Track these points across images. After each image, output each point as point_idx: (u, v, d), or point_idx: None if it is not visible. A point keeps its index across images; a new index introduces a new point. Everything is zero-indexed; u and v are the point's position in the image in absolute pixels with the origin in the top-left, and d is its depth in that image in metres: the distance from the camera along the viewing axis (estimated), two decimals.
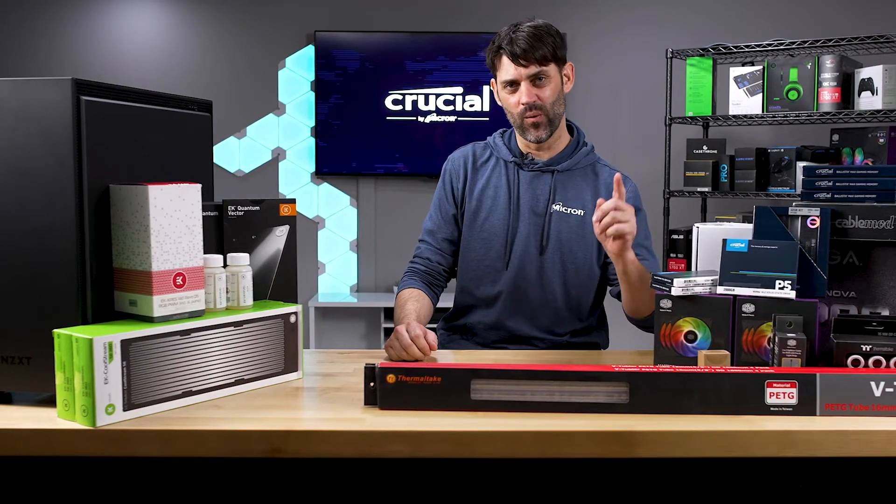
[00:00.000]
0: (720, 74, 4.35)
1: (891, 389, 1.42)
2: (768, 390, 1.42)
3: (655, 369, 1.45)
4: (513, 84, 2.14)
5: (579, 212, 2.18)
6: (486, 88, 4.91)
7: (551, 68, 2.12)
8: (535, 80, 2.12)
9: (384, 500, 1.47)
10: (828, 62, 3.95)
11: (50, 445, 1.37)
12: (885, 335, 1.56)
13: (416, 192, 5.04)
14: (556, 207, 2.18)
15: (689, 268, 3.45)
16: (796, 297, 1.60)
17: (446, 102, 4.94)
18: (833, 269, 1.70)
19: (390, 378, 1.46)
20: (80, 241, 1.43)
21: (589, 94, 4.95)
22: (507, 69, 2.13)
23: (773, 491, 1.46)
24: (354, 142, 4.97)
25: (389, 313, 4.62)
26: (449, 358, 1.99)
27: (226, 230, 1.70)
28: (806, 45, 4.07)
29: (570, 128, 2.28)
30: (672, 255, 4.19)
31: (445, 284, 2.30)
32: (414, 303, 2.12)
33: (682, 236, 4.17)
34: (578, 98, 4.94)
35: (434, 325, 2.24)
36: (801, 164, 4.04)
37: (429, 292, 2.21)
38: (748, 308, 1.63)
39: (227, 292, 1.62)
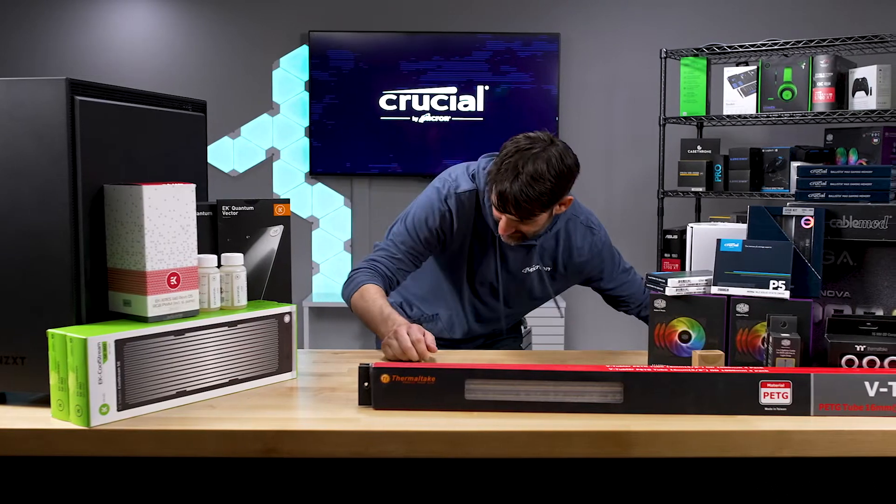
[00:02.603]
0: (714, 74, 4.35)
1: (885, 389, 1.42)
2: (762, 390, 1.43)
3: (650, 369, 1.45)
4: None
5: (547, 268, 2.20)
6: (480, 88, 4.91)
7: (539, 216, 1.98)
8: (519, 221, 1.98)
9: (379, 500, 1.47)
10: (822, 62, 3.96)
11: (44, 445, 1.36)
12: (879, 335, 1.57)
13: (411, 191, 5.02)
14: (529, 270, 2.19)
15: (683, 268, 3.45)
16: (790, 297, 1.60)
17: (440, 102, 4.94)
18: (827, 269, 1.70)
19: (384, 378, 1.46)
20: (74, 241, 1.43)
21: (583, 95, 4.95)
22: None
23: (768, 491, 1.46)
24: (348, 142, 4.96)
25: None
26: (443, 358, 1.98)
27: (220, 230, 1.70)
28: (800, 45, 4.07)
29: None
30: (666, 255, 4.19)
31: None
32: (387, 301, 2.04)
33: (676, 236, 4.17)
34: (573, 98, 4.95)
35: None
36: (795, 164, 4.04)
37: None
38: (742, 308, 1.63)
39: (221, 292, 1.61)
